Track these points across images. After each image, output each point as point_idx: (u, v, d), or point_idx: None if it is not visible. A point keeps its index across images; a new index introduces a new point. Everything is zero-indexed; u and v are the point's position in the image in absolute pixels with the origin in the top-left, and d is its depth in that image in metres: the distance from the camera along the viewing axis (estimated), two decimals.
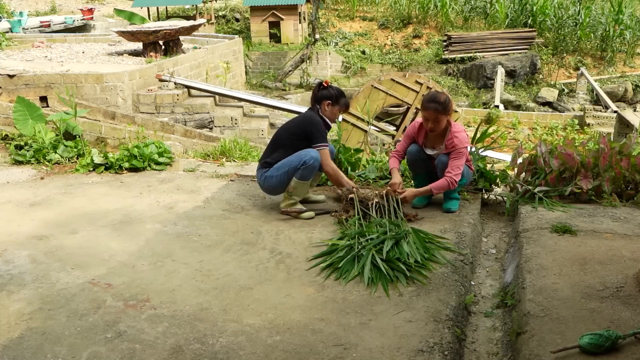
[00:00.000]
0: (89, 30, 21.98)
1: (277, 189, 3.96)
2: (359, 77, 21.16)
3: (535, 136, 14.47)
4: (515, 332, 2.57)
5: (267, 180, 3.93)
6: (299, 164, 3.79)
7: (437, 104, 3.78)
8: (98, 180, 4.93)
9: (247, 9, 23.72)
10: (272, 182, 3.91)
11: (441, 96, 3.83)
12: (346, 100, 4.05)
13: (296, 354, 2.39)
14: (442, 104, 3.78)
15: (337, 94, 4.00)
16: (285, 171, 3.84)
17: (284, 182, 3.89)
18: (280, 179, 3.88)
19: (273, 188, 3.97)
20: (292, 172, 3.83)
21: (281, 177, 3.87)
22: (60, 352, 2.43)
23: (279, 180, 3.88)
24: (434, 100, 3.80)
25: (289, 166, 3.83)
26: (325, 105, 3.99)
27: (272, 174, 3.89)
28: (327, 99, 3.98)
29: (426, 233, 3.50)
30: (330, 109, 4.00)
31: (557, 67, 20.66)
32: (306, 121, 3.94)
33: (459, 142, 3.82)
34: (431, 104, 3.79)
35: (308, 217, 3.90)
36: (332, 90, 4.01)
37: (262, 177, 3.97)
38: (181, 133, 10.14)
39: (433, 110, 3.77)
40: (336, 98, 3.99)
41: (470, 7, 23.76)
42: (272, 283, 3.02)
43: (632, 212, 3.86)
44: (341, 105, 4.02)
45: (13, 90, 9.90)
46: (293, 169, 3.82)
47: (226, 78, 14.03)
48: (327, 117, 4.01)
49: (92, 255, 3.38)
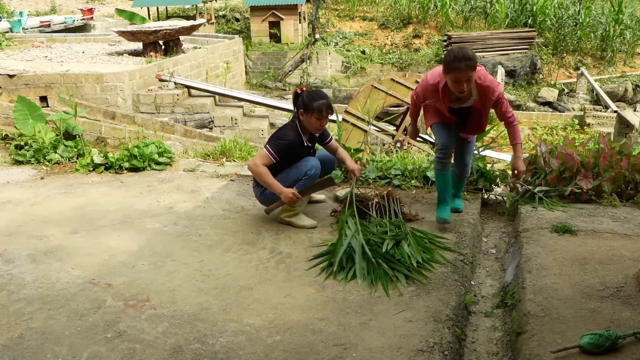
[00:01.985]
0: (89, 30, 21.99)
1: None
2: (359, 77, 21.17)
3: (535, 136, 14.48)
4: (515, 332, 2.57)
5: (267, 197, 3.74)
6: (302, 175, 3.63)
7: (468, 60, 3.23)
8: (98, 180, 4.93)
9: (247, 8, 23.73)
10: (275, 197, 3.68)
11: (468, 51, 3.31)
12: (320, 104, 3.55)
13: (296, 354, 2.39)
14: (473, 59, 3.27)
15: (307, 101, 3.56)
16: (287, 185, 3.62)
17: None
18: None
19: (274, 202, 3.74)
20: (293, 185, 3.64)
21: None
22: (60, 352, 2.43)
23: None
24: (464, 58, 3.23)
25: (291, 180, 3.63)
26: (300, 115, 3.64)
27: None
28: (299, 107, 3.62)
29: (426, 233, 3.50)
30: (305, 117, 3.60)
31: (557, 67, 20.67)
32: (276, 132, 3.71)
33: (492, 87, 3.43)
34: (462, 62, 3.22)
35: (311, 226, 3.75)
36: (302, 97, 3.61)
37: (262, 195, 3.78)
38: (181, 133, 10.15)
39: (465, 69, 3.23)
40: (305, 105, 3.57)
41: (470, 7, 23.77)
42: (272, 283, 3.02)
43: (632, 212, 3.86)
44: (314, 110, 3.55)
45: (13, 90, 9.90)
46: (295, 181, 3.64)
47: (226, 78, 14.04)
48: (306, 126, 3.65)
49: (92, 255, 3.38)
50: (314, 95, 3.60)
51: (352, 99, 10.00)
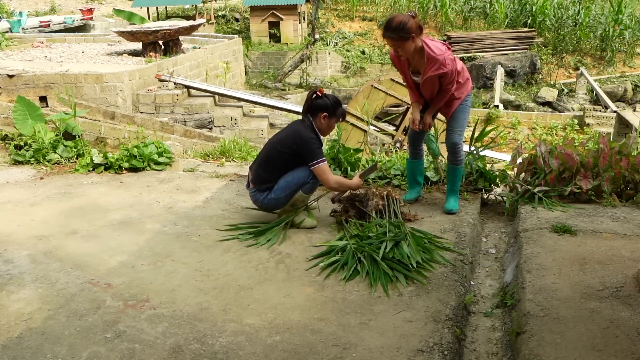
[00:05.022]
0: (88, 30, 21.98)
1: (281, 206, 3.74)
2: (359, 77, 21.17)
3: (535, 136, 14.46)
4: (515, 332, 2.57)
5: (270, 202, 3.68)
6: (308, 178, 3.59)
7: (390, 31, 3.47)
8: (98, 180, 4.93)
9: (246, 8, 23.73)
10: (279, 202, 3.67)
11: (395, 20, 3.47)
12: (343, 110, 3.66)
13: (296, 354, 2.39)
14: (395, 29, 3.45)
15: (333, 104, 3.59)
16: (293, 189, 3.60)
17: (289, 200, 3.66)
18: (287, 198, 3.64)
19: (277, 206, 3.73)
20: (299, 188, 3.61)
21: (288, 196, 3.63)
22: (60, 352, 2.43)
23: (285, 200, 3.65)
24: (387, 28, 3.48)
25: (296, 184, 3.59)
26: (322, 118, 3.59)
27: (277, 195, 3.62)
28: (323, 111, 3.58)
29: (426, 233, 3.50)
30: (327, 121, 3.61)
31: (557, 67, 20.67)
32: (296, 139, 3.57)
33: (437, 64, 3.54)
34: (385, 32, 3.50)
35: (311, 226, 3.75)
36: (328, 99, 3.59)
37: (264, 200, 3.69)
38: (181, 133, 10.14)
39: (388, 38, 3.51)
40: (333, 109, 3.59)
41: (470, 7, 23.77)
42: (272, 283, 3.02)
43: (632, 212, 3.86)
44: (338, 116, 3.64)
45: (13, 90, 9.90)
46: (301, 185, 3.60)
47: (226, 78, 14.03)
48: (321, 129, 3.63)
49: (91, 255, 3.38)
50: (338, 101, 3.67)
51: (351, 99, 9.99)
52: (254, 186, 3.73)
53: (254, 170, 3.74)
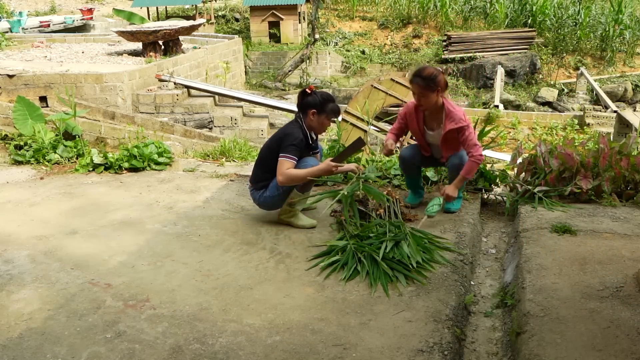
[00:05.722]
0: (88, 30, 22.00)
1: (278, 205, 3.77)
2: (359, 77, 21.18)
3: (535, 136, 14.47)
4: (515, 332, 2.57)
5: (267, 200, 3.72)
6: None
7: (420, 78, 3.60)
8: (98, 180, 4.93)
9: (246, 8, 23.74)
10: (274, 200, 3.70)
11: (427, 70, 3.63)
12: (334, 106, 3.62)
13: (296, 354, 2.39)
14: (425, 78, 3.59)
15: (322, 101, 3.58)
16: (286, 188, 3.63)
17: (285, 198, 3.70)
18: (282, 196, 3.68)
19: (274, 205, 3.77)
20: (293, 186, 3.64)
21: (283, 194, 3.67)
22: (59, 352, 2.43)
23: (280, 198, 3.68)
24: (418, 75, 3.62)
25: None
26: (311, 115, 3.59)
27: (272, 193, 3.67)
28: (312, 107, 3.58)
29: (426, 233, 3.50)
30: (317, 118, 3.60)
31: (557, 67, 20.68)
32: (281, 135, 3.60)
33: (456, 119, 3.66)
34: (415, 78, 3.63)
35: (311, 226, 3.75)
36: (316, 96, 3.59)
37: (260, 198, 3.75)
38: (181, 133, 10.15)
39: (416, 84, 3.63)
40: (321, 105, 3.57)
41: (470, 7, 23.77)
42: (272, 283, 3.02)
43: (632, 212, 3.86)
44: (328, 112, 3.60)
45: (13, 90, 9.90)
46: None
47: (226, 78, 14.04)
48: (312, 127, 3.64)
49: (91, 255, 3.38)
50: (328, 97, 3.64)
51: (351, 99, 10.01)
52: (252, 185, 3.82)
53: (253, 169, 3.84)
